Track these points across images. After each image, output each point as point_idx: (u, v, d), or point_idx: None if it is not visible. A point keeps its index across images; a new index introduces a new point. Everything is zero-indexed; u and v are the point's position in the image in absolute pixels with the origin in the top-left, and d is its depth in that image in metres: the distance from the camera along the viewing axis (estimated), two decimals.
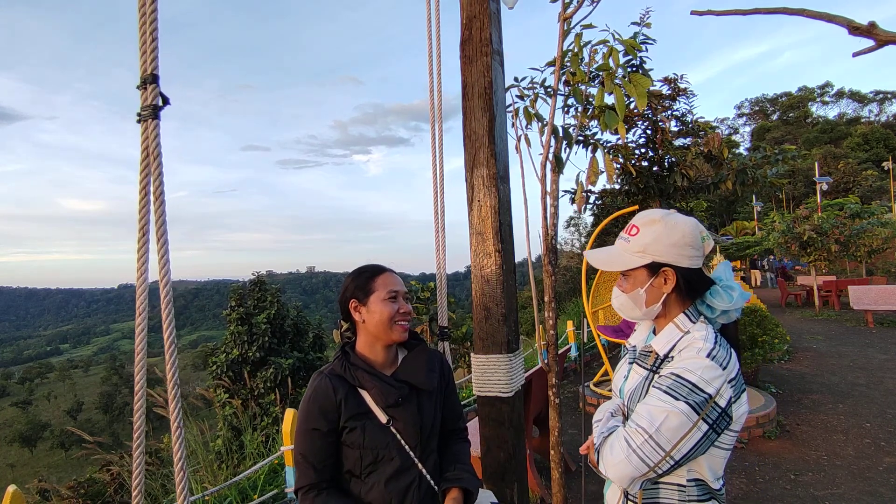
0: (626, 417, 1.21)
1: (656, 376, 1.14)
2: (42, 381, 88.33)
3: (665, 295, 1.20)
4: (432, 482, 1.42)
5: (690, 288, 1.20)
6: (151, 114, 1.19)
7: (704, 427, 1.04)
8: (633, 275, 1.22)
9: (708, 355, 1.07)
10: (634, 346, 1.33)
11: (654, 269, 1.20)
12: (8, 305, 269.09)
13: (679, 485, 1.13)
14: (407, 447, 1.39)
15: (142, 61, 1.20)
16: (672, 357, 1.14)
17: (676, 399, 1.05)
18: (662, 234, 1.18)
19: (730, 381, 1.07)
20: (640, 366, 1.25)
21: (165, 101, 1.22)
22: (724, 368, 1.07)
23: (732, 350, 1.13)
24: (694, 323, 1.18)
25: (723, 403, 1.05)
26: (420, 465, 1.40)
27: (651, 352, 1.23)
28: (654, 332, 1.28)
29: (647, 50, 6.20)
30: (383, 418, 1.38)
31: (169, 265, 1.20)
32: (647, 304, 1.21)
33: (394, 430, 1.38)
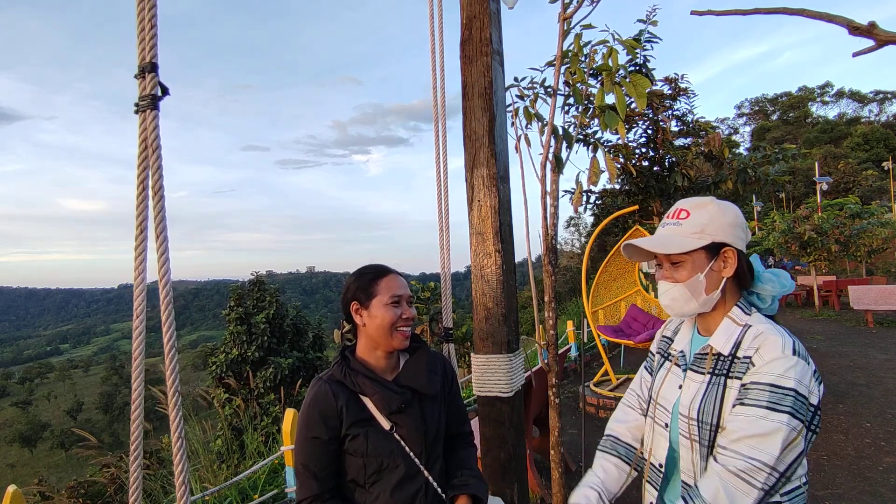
0: (711, 443, 1.06)
1: (740, 386, 1.03)
2: (42, 381, 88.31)
3: (724, 280, 1.12)
4: (439, 489, 1.38)
5: (745, 273, 1.13)
6: (150, 104, 1.13)
7: (805, 432, 0.96)
8: (690, 259, 1.11)
9: (793, 352, 1.00)
10: (682, 352, 1.22)
11: (713, 250, 1.11)
12: (8, 305, 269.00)
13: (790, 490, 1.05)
14: (412, 454, 1.34)
15: (140, 49, 1.14)
16: (743, 357, 1.05)
17: (780, 412, 0.94)
18: (717, 213, 1.12)
19: (815, 377, 1.00)
20: (697, 371, 1.13)
21: (165, 91, 1.15)
22: (808, 363, 1.00)
23: None
24: (749, 315, 1.11)
25: (815, 402, 0.98)
26: (426, 472, 1.36)
27: (707, 354, 1.13)
28: (699, 333, 1.21)
29: (652, 48, 6.19)
30: (386, 425, 1.33)
31: (169, 263, 1.14)
32: (707, 290, 1.11)
33: (398, 437, 1.33)
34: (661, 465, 1.20)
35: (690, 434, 1.09)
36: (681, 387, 1.17)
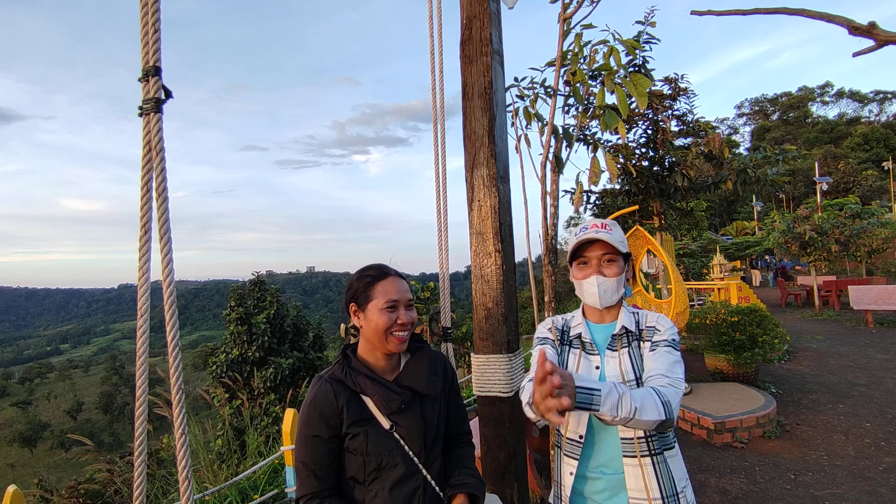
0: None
1: (649, 343, 1.43)
2: (42, 381, 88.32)
3: (625, 280, 1.51)
4: (437, 488, 1.39)
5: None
6: (153, 107, 1.15)
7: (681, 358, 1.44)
8: (620, 259, 1.47)
9: (671, 322, 1.48)
10: (591, 341, 1.52)
11: (626, 258, 1.50)
12: (8, 305, 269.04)
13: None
14: (411, 453, 1.35)
15: (143, 53, 1.15)
16: (648, 328, 1.46)
17: (677, 351, 1.41)
18: (621, 233, 1.49)
19: None
20: (613, 349, 1.47)
21: (168, 95, 1.17)
22: None
23: None
24: (629, 305, 1.54)
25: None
26: (424, 471, 1.37)
27: (619, 335, 1.47)
28: (593, 322, 1.53)
29: (650, 49, 6.19)
30: (386, 424, 1.34)
31: (172, 264, 1.15)
32: (623, 286, 1.48)
33: (397, 436, 1.35)
34: (581, 437, 1.44)
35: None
36: (598, 367, 1.47)
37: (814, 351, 8.20)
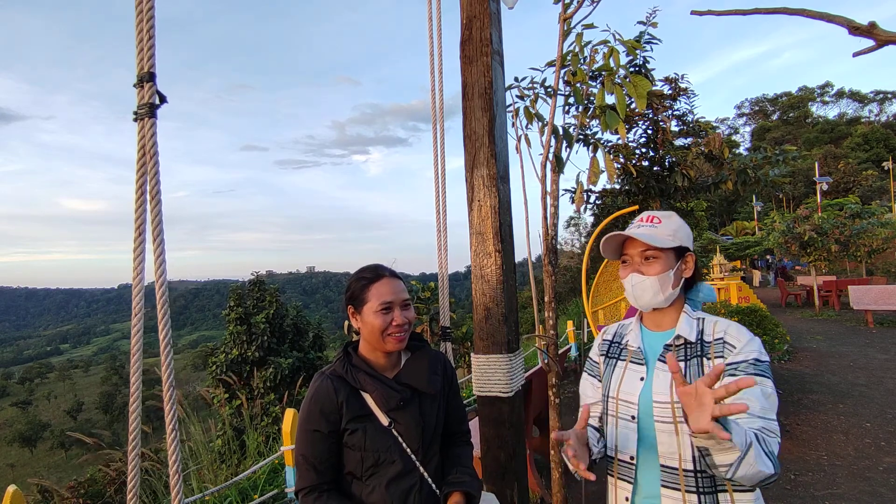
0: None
1: (721, 363, 1.12)
2: (42, 381, 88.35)
3: (682, 280, 1.30)
4: (434, 485, 1.41)
5: (695, 277, 1.34)
6: (148, 112, 1.17)
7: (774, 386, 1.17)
8: (664, 257, 1.27)
9: (753, 335, 1.21)
10: (640, 347, 1.32)
11: (680, 253, 1.30)
12: (8, 305, 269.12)
13: None
14: (409, 450, 1.37)
15: (138, 59, 1.18)
16: (715, 340, 1.21)
17: (767, 378, 1.15)
18: (682, 224, 1.31)
19: None
20: (664, 361, 1.24)
21: (162, 100, 1.20)
22: None
23: None
24: (695, 311, 1.31)
25: None
26: (422, 469, 1.39)
27: (673, 345, 1.26)
28: (649, 329, 1.35)
29: (651, 49, 6.18)
30: (385, 421, 1.36)
31: (165, 266, 1.18)
32: (672, 286, 1.27)
33: (395, 433, 1.37)
34: (632, 458, 1.27)
35: (675, 417, 1.19)
36: (643, 379, 1.28)
37: (814, 351, 8.20)
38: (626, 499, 1.28)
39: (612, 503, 1.33)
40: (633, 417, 1.26)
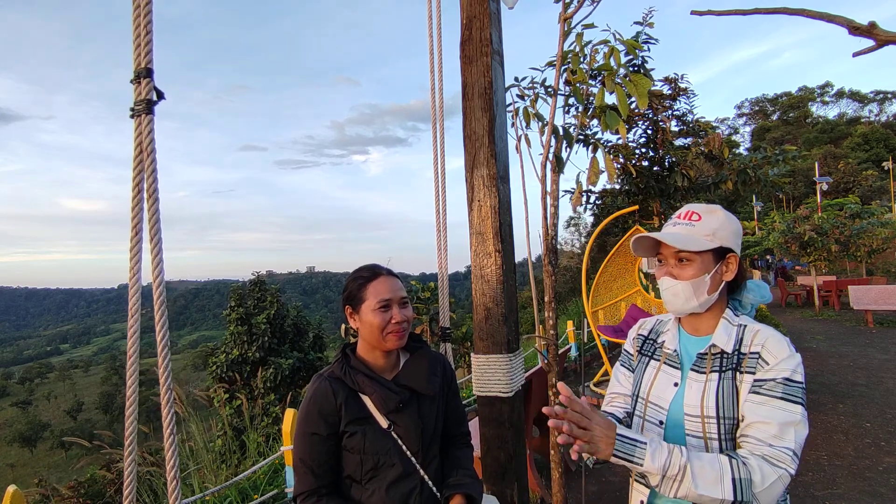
0: (730, 437, 1.10)
1: (751, 379, 1.09)
2: (42, 381, 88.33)
3: (723, 284, 1.19)
4: (434, 488, 1.39)
5: (740, 279, 1.22)
6: (145, 108, 1.15)
7: (807, 416, 1.06)
8: (700, 259, 1.16)
9: (795, 350, 1.10)
10: (676, 351, 1.24)
11: (720, 254, 1.18)
12: (8, 305, 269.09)
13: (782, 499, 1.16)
14: (408, 453, 1.36)
15: (135, 55, 1.15)
16: (750, 353, 1.11)
17: (795, 404, 1.05)
18: (726, 221, 1.19)
19: None
20: (699, 371, 1.17)
21: (160, 96, 1.17)
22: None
23: None
24: (738, 316, 1.20)
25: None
26: (422, 471, 1.37)
27: (708, 353, 1.17)
28: (687, 332, 1.26)
29: (649, 49, 6.20)
30: (384, 423, 1.35)
31: (162, 265, 1.15)
32: (709, 291, 1.16)
33: (395, 436, 1.35)
34: None
35: (706, 432, 1.12)
36: (676, 384, 1.20)
37: (814, 351, 8.20)
38: (642, 502, 1.23)
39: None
40: (660, 423, 1.20)
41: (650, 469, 1.01)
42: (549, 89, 2.62)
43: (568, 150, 2.59)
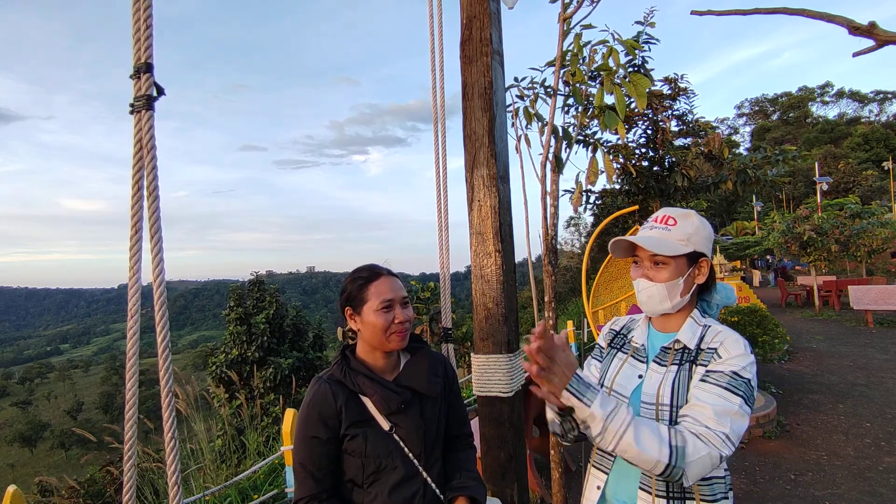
0: (671, 419, 1.17)
1: (703, 370, 1.16)
2: (42, 381, 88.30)
3: (694, 286, 1.25)
4: (437, 490, 1.37)
5: (710, 281, 1.28)
6: (145, 104, 1.13)
7: (749, 411, 1.11)
8: (674, 263, 1.22)
9: (750, 351, 1.16)
10: (643, 345, 1.32)
11: (693, 258, 1.24)
12: (8, 305, 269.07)
13: (720, 476, 1.20)
14: (410, 455, 1.34)
15: (135, 50, 1.13)
16: (708, 349, 1.18)
17: (737, 395, 1.10)
18: (700, 226, 1.24)
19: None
20: (660, 363, 1.24)
21: (160, 92, 1.15)
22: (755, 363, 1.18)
23: None
24: (705, 317, 1.27)
25: (754, 392, 1.16)
26: (424, 474, 1.35)
27: (671, 348, 1.24)
28: (655, 329, 1.33)
29: (650, 49, 6.19)
30: (386, 425, 1.33)
31: (163, 264, 1.13)
32: (681, 294, 1.22)
33: (397, 438, 1.33)
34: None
35: (658, 419, 1.18)
36: (640, 377, 1.27)
37: (814, 351, 8.20)
38: (598, 487, 1.30)
39: (585, 489, 1.37)
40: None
41: (596, 412, 1.05)
42: (549, 89, 2.63)
43: (567, 150, 2.59)
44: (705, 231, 1.25)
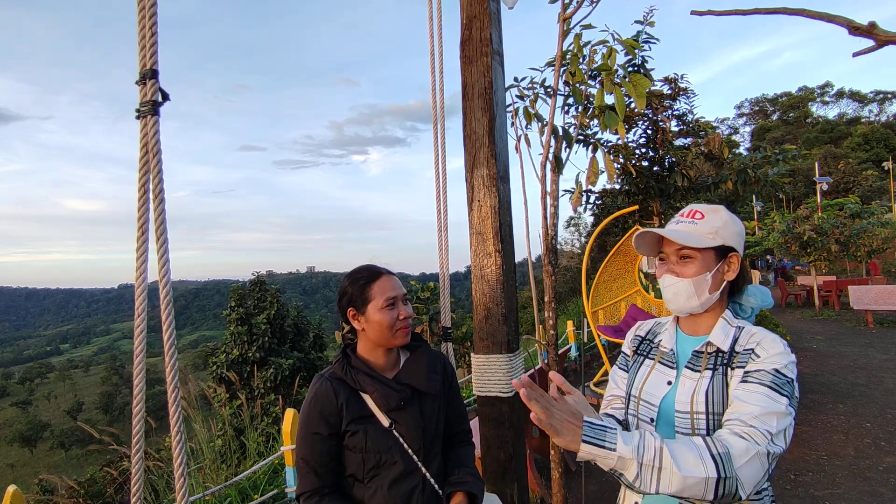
0: (709, 429, 1.09)
1: (742, 372, 1.08)
2: (42, 381, 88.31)
3: (725, 283, 1.18)
4: (436, 486, 1.40)
5: (741, 280, 1.21)
6: (151, 110, 1.16)
7: (794, 414, 1.04)
8: (701, 257, 1.15)
9: (791, 351, 1.09)
10: (672, 350, 1.24)
11: (722, 253, 1.17)
12: (8, 305, 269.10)
13: (764, 487, 1.14)
14: (410, 451, 1.37)
15: (141, 56, 1.16)
16: (743, 351, 1.11)
17: (782, 395, 1.02)
18: (729, 220, 1.18)
19: None
20: (693, 369, 1.16)
21: (165, 97, 1.18)
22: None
23: None
24: (738, 318, 1.19)
25: (798, 396, 1.09)
26: (423, 469, 1.38)
27: (704, 351, 1.17)
28: (684, 333, 1.25)
29: (649, 49, 6.20)
30: (385, 422, 1.36)
31: (169, 265, 1.16)
32: (710, 290, 1.15)
33: (396, 434, 1.36)
34: None
35: (694, 428, 1.11)
36: (670, 383, 1.19)
37: (814, 351, 8.20)
38: (636, 503, 1.22)
39: None
40: (651, 420, 1.19)
41: (624, 453, 0.94)
42: (549, 89, 2.63)
43: (567, 150, 2.59)
44: (735, 227, 1.18)
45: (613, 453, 0.95)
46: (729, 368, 1.11)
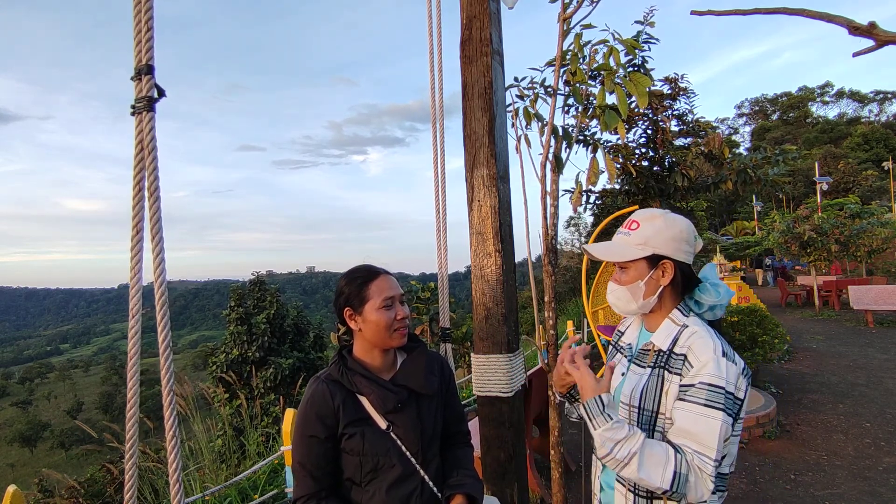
0: (649, 427, 1.19)
1: (678, 381, 1.15)
2: (42, 381, 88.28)
3: (662, 287, 1.25)
4: (435, 489, 1.38)
5: (684, 282, 1.27)
6: (146, 106, 1.14)
7: (731, 421, 1.10)
8: (634, 266, 1.25)
9: (723, 355, 1.13)
10: (630, 345, 1.36)
11: (653, 261, 1.25)
12: (8, 305, 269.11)
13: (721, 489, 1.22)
14: (408, 453, 1.35)
15: (136, 51, 1.15)
16: (678, 354, 1.18)
17: (716, 409, 1.08)
18: (663, 227, 1.24)
19: (742, 373, 1.15)
20: (639, 364, 1.27)
21: (161, 93, 1.16)
22: (736, 364, 1.14)
23: None
24: (687, 317, 1.25)
25: (741, 396, 1.13)
26: (422, 472, 1.36)
27: (650, 350, 1.26)
28: (646, 329, 1.34)
29: (649, 49, 6.19)
30: (383, 424, 1.34)
31: (164, 264, 1.14)
32: (644, 296, 1.25)
33: (394, 436, 1.34)
34: None
35: (631, 421, 1.21)
36: (623, 374, 1.31)
37: (814, 351, 8.20)
38: (597, 476, 1.38)
39: (592, 473, 1.43)
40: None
41: (597, 438, 1.11)
42: (549, 89, 2.62)
43: (568, 150, 2.59)
44: (670, 231, 1.24)
45: (593, 430, 1.12)
46: (665, 371, 1.19)
